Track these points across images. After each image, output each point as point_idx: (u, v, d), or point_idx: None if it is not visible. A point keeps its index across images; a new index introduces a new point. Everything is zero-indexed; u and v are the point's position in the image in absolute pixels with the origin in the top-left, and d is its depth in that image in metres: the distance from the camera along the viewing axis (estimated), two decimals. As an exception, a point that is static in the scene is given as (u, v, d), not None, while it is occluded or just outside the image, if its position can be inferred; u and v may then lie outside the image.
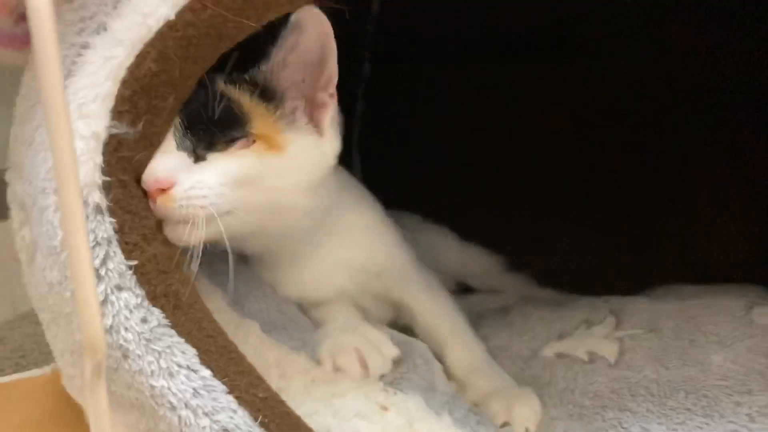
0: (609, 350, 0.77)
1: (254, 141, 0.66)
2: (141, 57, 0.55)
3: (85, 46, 0.57)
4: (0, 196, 0.63)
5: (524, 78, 1.11)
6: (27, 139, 0.59)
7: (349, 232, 0.82)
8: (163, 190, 0.61)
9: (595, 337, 0.81)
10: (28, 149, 0.59)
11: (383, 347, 0.75)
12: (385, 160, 1.29)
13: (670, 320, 0.79)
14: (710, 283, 0.90)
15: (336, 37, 0.67)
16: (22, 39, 0.65)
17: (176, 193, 0.61)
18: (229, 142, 0.65)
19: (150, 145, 0.59)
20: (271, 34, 0.65)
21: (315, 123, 0.72)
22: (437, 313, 0.86)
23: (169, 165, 0.62)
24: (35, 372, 0.92)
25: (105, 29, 0.56)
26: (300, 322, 0.80)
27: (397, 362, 0.75)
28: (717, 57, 0.98)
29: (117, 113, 0.55)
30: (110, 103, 0.55)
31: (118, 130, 0.55)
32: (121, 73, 0.55)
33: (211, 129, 0.64)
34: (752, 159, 0.96)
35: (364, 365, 0.72)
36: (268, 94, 0.69)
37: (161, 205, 0.61)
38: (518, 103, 1.14)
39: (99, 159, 0.55)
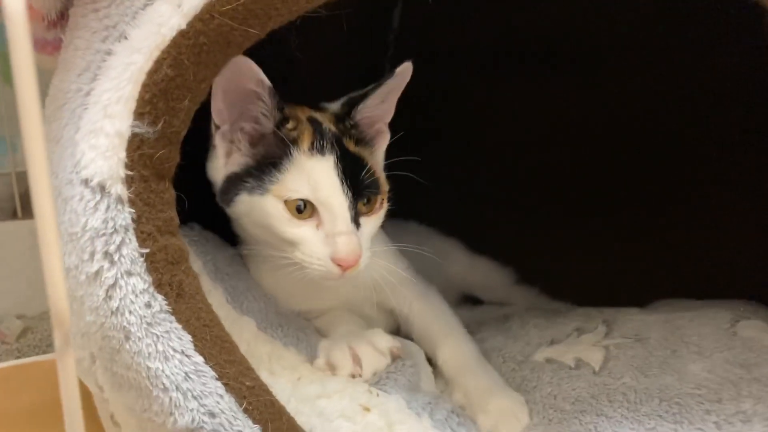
0: (594, 357, 0.78)
1: (383, 200, 0.78)
2: (158, 63, 0.59)
3: (109, 52, 0.62)
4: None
5: (535, 90, 1.11)
6: (55, 136, 0.65)
7: None
8: None
9: (583, 344, 0.82)
10: (56, 146, 0.64)
11: (376, 341, 0.79)
12: (400, 170, 1.30)
13: (657, 330, 0.80)
14: (717, 298, 0.89)
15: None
16: (53, 44, 0.70)
17: (362, 263, 0.72)
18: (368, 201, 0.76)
19: (169, 143, 0.62)
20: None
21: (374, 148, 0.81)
22: (430, 317, 0.88)
23: (357, 241, 0.71)
24: (52, 356, 0.96)
25: (125, 37, 0.61)
26: (297, 321, 0.83)
27: (394, 357, 0.79)
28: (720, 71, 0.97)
29: (138, 114, 0.60)
30: (132, 104, 0.60)
31: (140, 129, 0.60)
32: (141, 77, 0.60)
33: (364, 194, 0.75)
34: (757, 170, 0.93)
35: (358, 361, 0.75)
36: (368, 142, 0.80)
37: (350, 273, 0.71)
38: (530, 115, 1.14)
39: (122, 155, 0.60)
